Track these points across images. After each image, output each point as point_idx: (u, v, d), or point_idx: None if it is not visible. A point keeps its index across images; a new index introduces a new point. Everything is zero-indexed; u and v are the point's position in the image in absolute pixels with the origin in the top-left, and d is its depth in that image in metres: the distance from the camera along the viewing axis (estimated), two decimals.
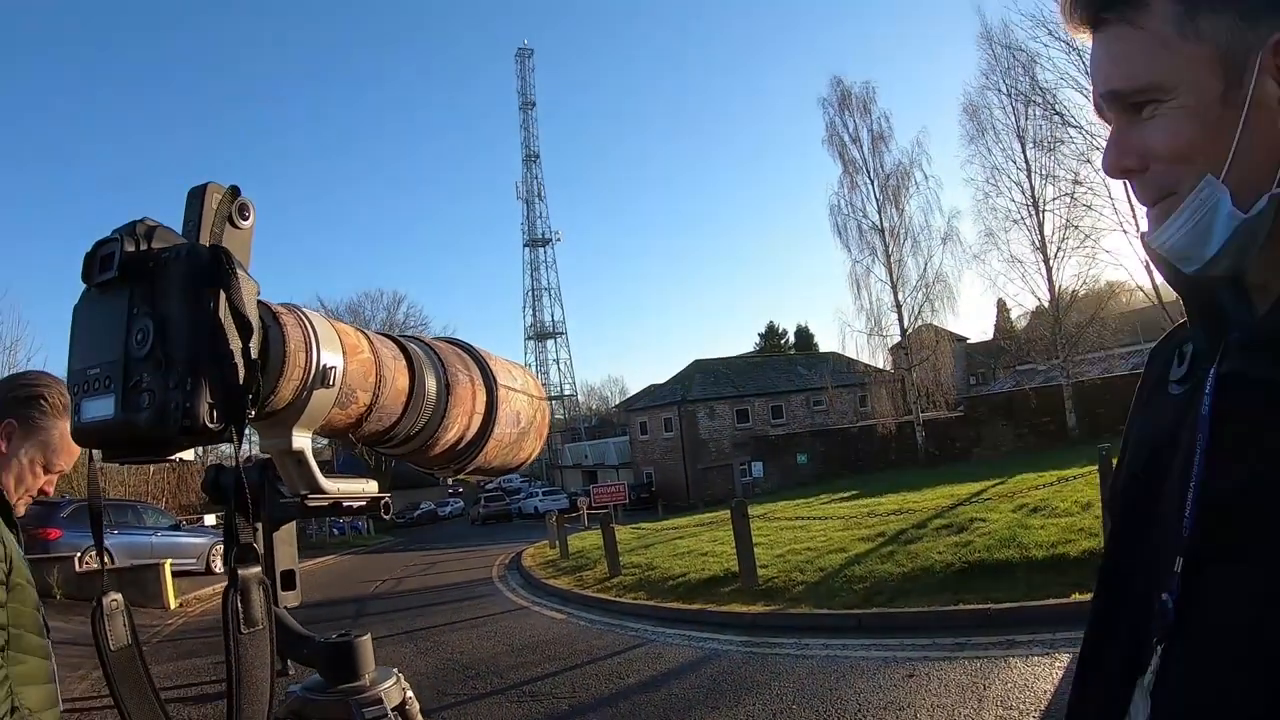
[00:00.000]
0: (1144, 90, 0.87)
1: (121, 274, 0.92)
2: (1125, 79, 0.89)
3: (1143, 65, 0.87)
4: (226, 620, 0.93)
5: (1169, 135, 0.86)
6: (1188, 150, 0.85)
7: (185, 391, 0.87)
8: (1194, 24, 0.84)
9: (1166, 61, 0.85)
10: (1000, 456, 36.90)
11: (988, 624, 8.21)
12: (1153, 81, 0.86)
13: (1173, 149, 0.86)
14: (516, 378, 1.46)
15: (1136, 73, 0.88)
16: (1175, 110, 0.86)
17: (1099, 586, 1.02)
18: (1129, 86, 0.88)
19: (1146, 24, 0.87)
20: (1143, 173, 0.90)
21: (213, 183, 0.99)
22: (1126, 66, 0.89)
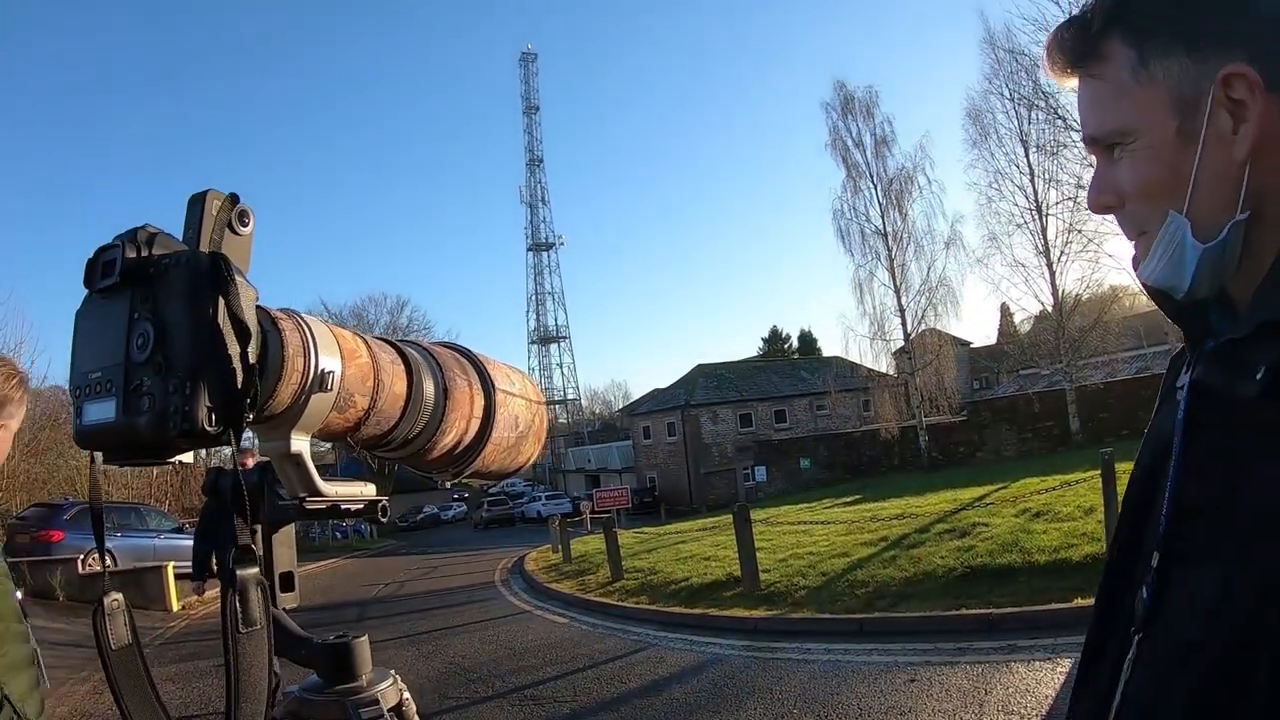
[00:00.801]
0: (1110, 135, 0.96)
1: (123, 280, 0.94)
2: (1095, 125, 0.98)
3: (1107, 112, 0.96)
4: (225, 620, 0.94)
5: (1134, 174, 0.95)
6: (1151, 188, 0.94)
7: (184, 395, 0.89)
8: (1147, 69, 0.92)
9: (1126, 107, 0.94)
10: (1003, 461, 36.85)
11: (990, 629, 8.21)
12: (1116, 127, 0.95)
13: (1138, 187, 0.95)
14: (514, 382, 1.47)
15: (1103, 119, 0.97)
16: (1138, 151, 0.94)
17: (1103, 577, 1.08)
18: (1099, 132, 0.98)
19: (1107, 74, 0.96)
20: (1121, 209, 0.98)
21: (212, 190, 1.00)
22: (1095, 114, 0.98)
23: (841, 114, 42.55)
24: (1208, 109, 0.88)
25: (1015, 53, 33.66)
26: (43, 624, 12.86)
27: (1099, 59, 0.96)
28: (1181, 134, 0.90)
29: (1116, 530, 1.09)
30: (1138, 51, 0.93)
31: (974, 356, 62.79)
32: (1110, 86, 0.96)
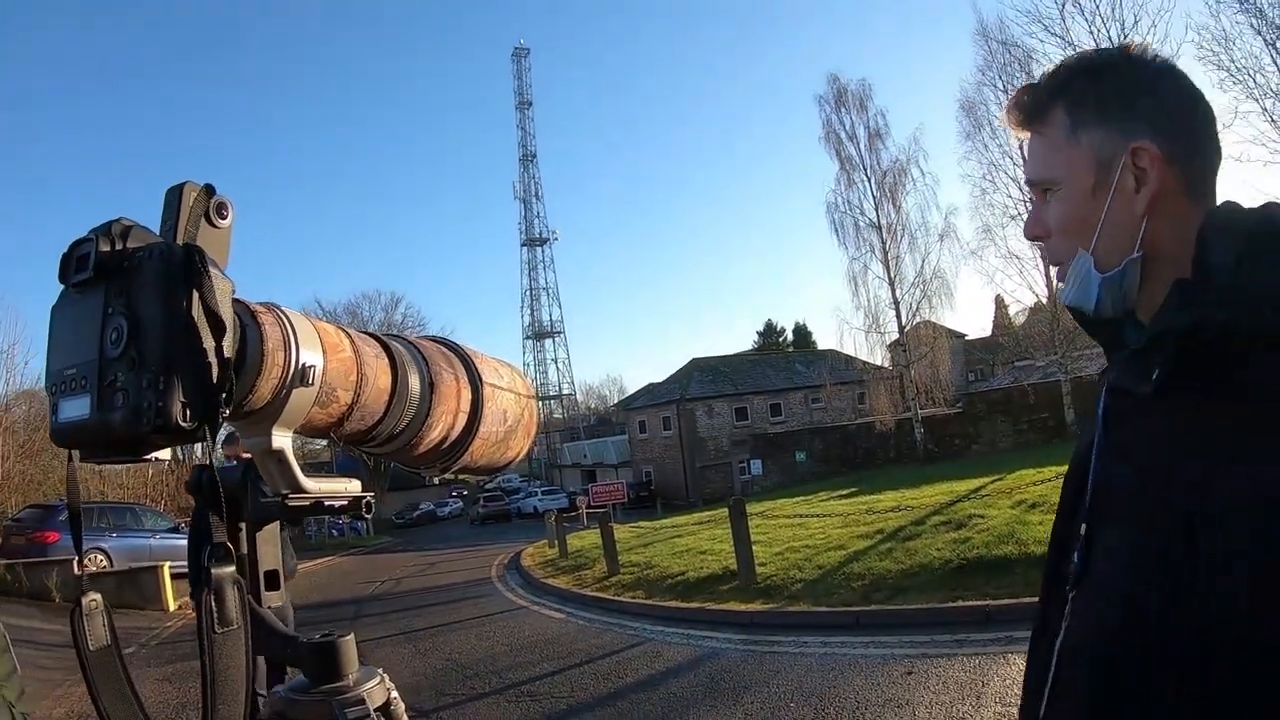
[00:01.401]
0: (1044, 180, 1.23)
1: (97, 274, 0.92)
2: (1034, 172, 1.25)
3: (1045, 163, 1.23)
4: (200, 620, 0.93)
5: (1058, 215, 1.22)
6: (1069, 227, 1.21)
7: (158, 391, 0.87)
8: (1077, 134, 1.19)
9: (1059, 161, 1.21)
10: (999, 452, 36.97)
11: (986, 621, 8.21)
12: (1049, 175, 1.22)
13: (1060, 225, 1.22)
14: (503, 376, 1.45)
15: (1041, 168, 1.23)
16: (1063, 197, 1.21)
17: (1049, 550, 1.33)
18: (1036, 177, 1.24)
19: (1048, 134, 1.22)
20: (1046, 240, 1.25)
21: (189, 181, 0.99)
22: (1036, 163, 1.24)
23: (835, 107, 42.60)
24: (1118, 172, 1.15)
25: (1008, 44, 33.63)
26: (39, 625, 12.87)
27: (1044, 121, 1.23)
28: (1096, 188, 1.17)
29: (1058, 510, 1.32)
30: (1071, 120, 1.20)
31: (969, 349, 62.84)
32: (1049, 143, 1.22)
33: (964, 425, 44.05)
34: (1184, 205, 1.15)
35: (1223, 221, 1.12)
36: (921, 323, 41.79)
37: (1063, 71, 1.24)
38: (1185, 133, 1.17)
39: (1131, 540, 1.09)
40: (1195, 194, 1.16)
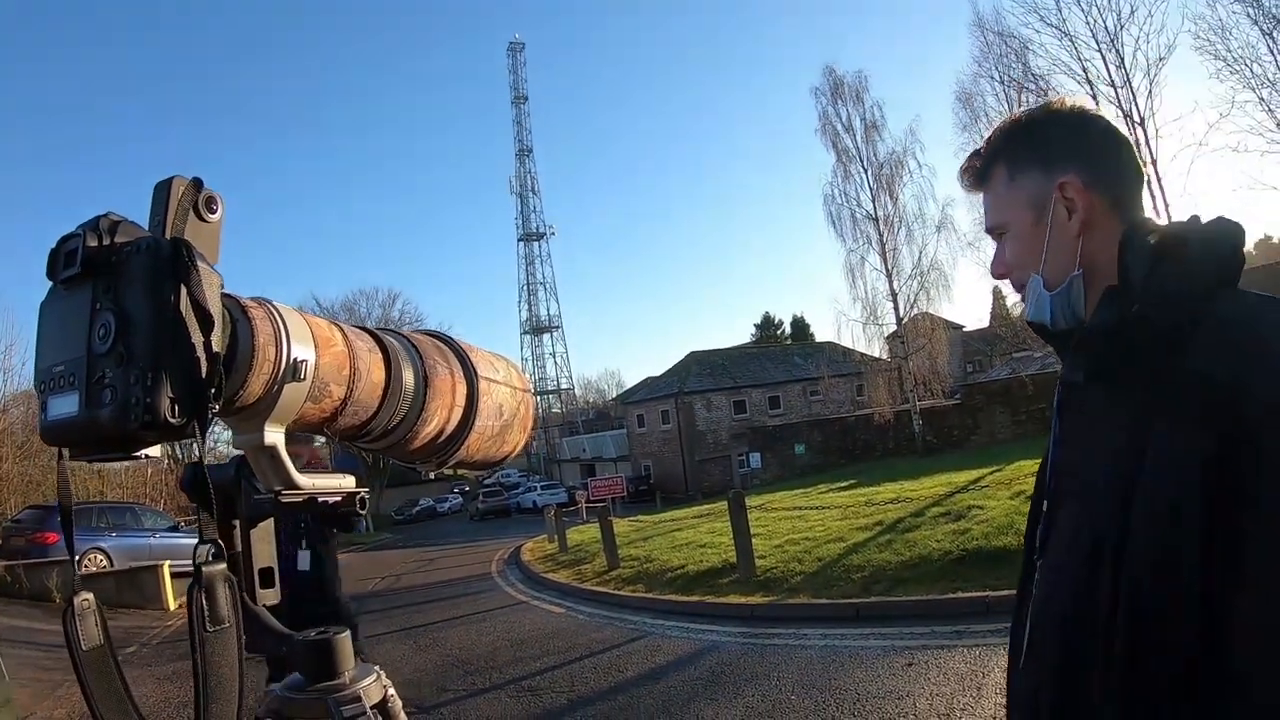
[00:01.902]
0: (997, 226, 1.48)
1: (84, 269, 0.91)
2: (989, 221, 1.49)
3: (994, 212, 1.48)
4: (191, 618, 0.92)
5: (1012, 251, 1.46)
6: (1020, 259, 1.44)
7: (146, 386, 0.86)
8: (1014, 181, 1.44)
9: (1003, 207, 1.46)
10: (997, 444, 36.88)
11: (986, 612, 8.19)
12: (998, 221, 1.47)
13: (1015, 259, 1.46)
14: (499, 369, 1.44)
15: (992, 216, 1.48)
16: (1011, 237, 1.46)
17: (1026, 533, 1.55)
18: (991, 225, 1.49)
19: (993, 187, 1.48)
20: (1009, 276, 1.48)
21: (177, 176, 0.98)
22: (989, 214, 1.49)
23: (831, 99, 42.49)
24: (1052, 205, 1.38)
25: (1005, 35, 33.40)
26: (40, 626, 12.88)
27: (990, 178, 1.48)
28: (1037, 223, 1.40)
29: (1033, 492, 1.54)
30: (1009, 171, 1.44)
31: (967, 340, 62.86)
32: (995, 195, 1.47)
33: (962, 416, 43.99)
34: (1113, 222, 1.36)
35: (1138, 235, 1.32)
36: (919, 314, 41.73)
37: (999, 135, 1.48)
38: (1105, 161, 1.39)
39: (1075, 513, 1.34)
40: (1122, 211, 1.37)
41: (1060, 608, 1.33)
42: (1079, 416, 1.41)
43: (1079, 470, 1.36)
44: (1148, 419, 1.21)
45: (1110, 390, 1.32)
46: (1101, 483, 1.27)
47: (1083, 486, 1.34)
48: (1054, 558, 1.38)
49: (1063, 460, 1.42)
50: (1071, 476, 1.38)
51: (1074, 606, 1.28)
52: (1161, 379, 1.22)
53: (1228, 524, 1.10)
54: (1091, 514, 1.28)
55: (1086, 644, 1.24)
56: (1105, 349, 1.30)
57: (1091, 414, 1.36)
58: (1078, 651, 1.27)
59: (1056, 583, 1.36)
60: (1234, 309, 1.23)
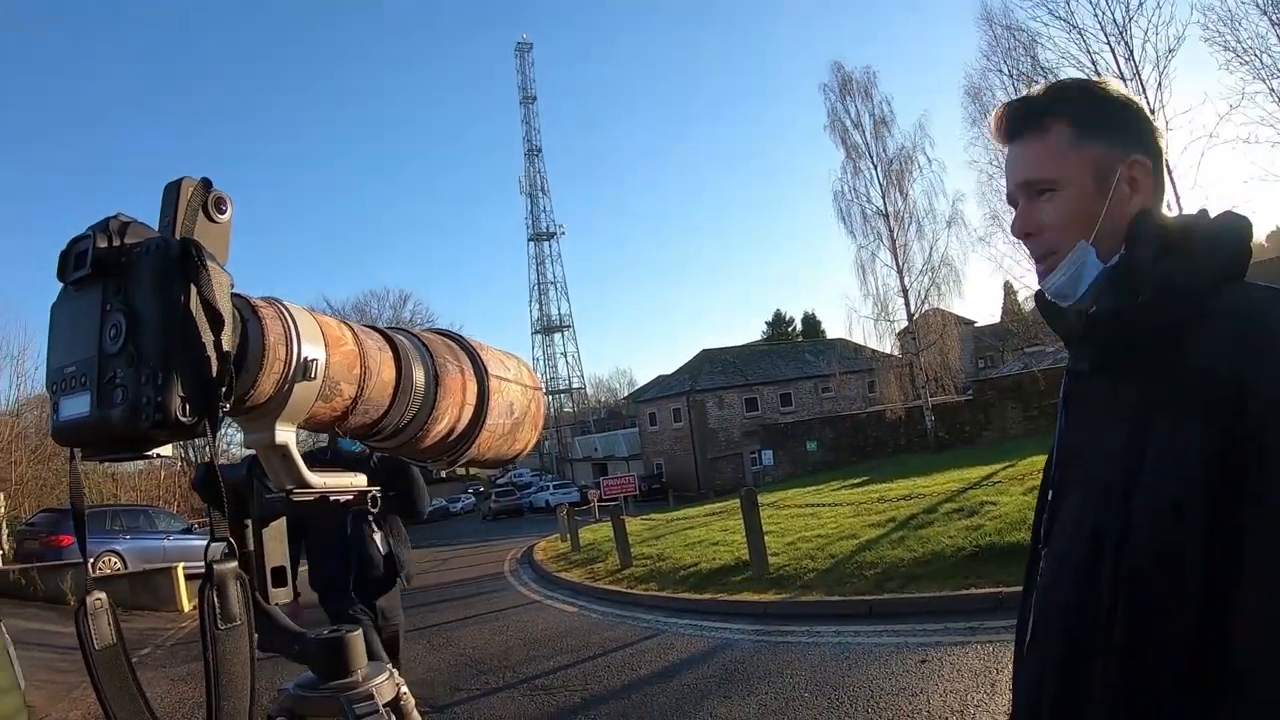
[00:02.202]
0: (1046, 181, 1.40)
1: (95, 270, 0.92)
2: (1034, 173, 1.41)
3: (1047, 166, 1.39)
4: (203, 616, 0.92)
5: (1060, 212, 1.38)
6: (1071, 221, 1.37)
7: (156, 386, 0.86)
8: (1079, 144, 1.38)
9: (1062, 165, 1.38)
10: (1010, 439, 36.84)
11: (1000, 608, 8.15)
12: (1053, 176, 1.39)
13: (1062, 220, 1.38)
14: (509, 368, 1.45)
15: (1043, 169, 1.40)
16: (1065, 196, 1.38)
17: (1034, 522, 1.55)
18: (1035, 177, 1.41)
19: (1047, 140, 1.40)
20: (1037, 236, 1.41)
21: (187, 177, 0.98)
22: (1036, 165, 1.41)
23: (840, 95, 42.40)
24: (1115, 179, 1.35)
25: (1013, 29, 33.26)
26: (55, 628, 12.91)
27: (1044, 129, 1.40)
28: (1098, 191, 1.36)
29: (1041, 482, 1.55)
30: (1074, 131, 1.38)
31: (978, 335, 62.77)
32: (1049, 149, 1.39)
33: (974, 412, 43.92)
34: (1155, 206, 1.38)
35: (1147, 223, 1.35)
36: (930, 310, 41.62)
37: (1063, 89, 1.43)
38: (1155, 150, 1.39)
39: (1078, 503, 1.36)
40: (1158, 200, 1.38)
41: (1062, 597, 1.35)
42: (1083, 407, 1.42)
43: (1083, 461, 1.38)
44: (1150, 413, 1.23)
45: (1114, 382, 1.33)
46: (1103, 475, 1.29)
47: (1085, 478, 1.35)
48: (1057, 547, 1.41)
49: (1067, 451, 1.44)
50: (1075, 467, 1.40)
51: (1076, 596, 1.30)
52: (1164, 374, 1.23)
53: (1229, 520, 1.12)
54: (1093, 505, 1.30)
55: (1088, 634, 1.26)
56: (1109, 340, 1.32)
57: (1095, 405, 1.38)
58: (1080, 641, 1.29)
59: (1059, 572, 1.38)
60: (1240, 303, 1.24)
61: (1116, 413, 1.30)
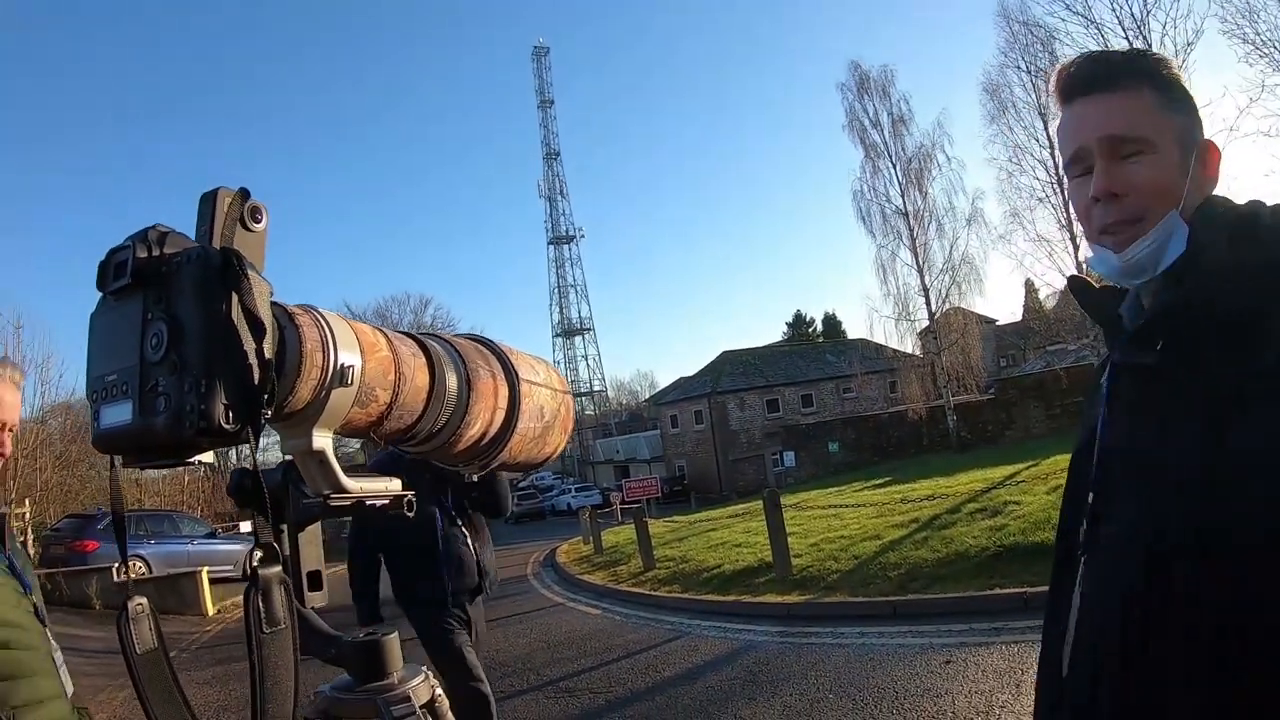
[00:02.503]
0: (1139, 139, 1.29)
1: (135, 280, 0.93)
2: (1127, 128, 1.29)
3: (1141, 123, 1.29)
4: (248, 620, 0.93)
5: (1151, 175, 1.28)
6: (1162, 188, 1.28)
7: (200, 394, 0.87)
8: (1167, 113, 1.30)
9: (1157, 126, 1.29)
10: (1033, 438, 36.68)
11: (1024, 608, 8.14)
12: (1147, 135, 1.29)
13: (1153, 185, 1.28)
14: (539, 372, 1.46)
15: (1137, 126, 1.29)
16: (1156, 159, 1.28)
17: (1059, 521, 1.46)
18: (1129, 132, 1.29)
19: (1135, 100, 1.30)
20: (1123, 199, 1.29)
21: (223, 187, 0.99)
22: (1129, 119, 1.30)
23: (858, 94, 42.34)
24: (1194, 156, 1.30)
25: (1030, 25, 33.16)
26: (82, 633, 12.99)
27: (1132, 90, 1.31)
28: (1181, 162, 1.29)
29: (1065, 487, 1.46)
30: (1159, 100, 1.30)
31: (1000, 334, 62.44)
32: (1141, 108, 1.30)
33: (997, 411, 43.76)
34: None
35: (1214, 211, 1.28)
36: (951, 309, 41.49)
37: (1143, 56, 1.36)
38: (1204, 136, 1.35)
39: (1133, 506, 1.23)
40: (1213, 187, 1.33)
41: (1117, 607, 1.22)
42: (1136, 403, 1.29)
43: (1137, 460, 1.25)
44: (1231, 408, 1.13)
45: (1179, 376, 1.21)
46: (1172, 474, 1.17)
47: (1141, 478, 1.23)
48: (1106, 553, 1.27)
49: (1113, 450, 1.31)
50: (1127, 467, 1.27)
51: (1136, 607, 1.18)
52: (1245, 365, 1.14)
53: None
54: (1156, 507, 1.18)
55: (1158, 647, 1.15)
56: (1178, 332, 1.23)
57: (1153, 401, 1.25)
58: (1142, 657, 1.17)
59: (1111, 580, 1.25)
60: None
61: (1185, 409, 1.18)
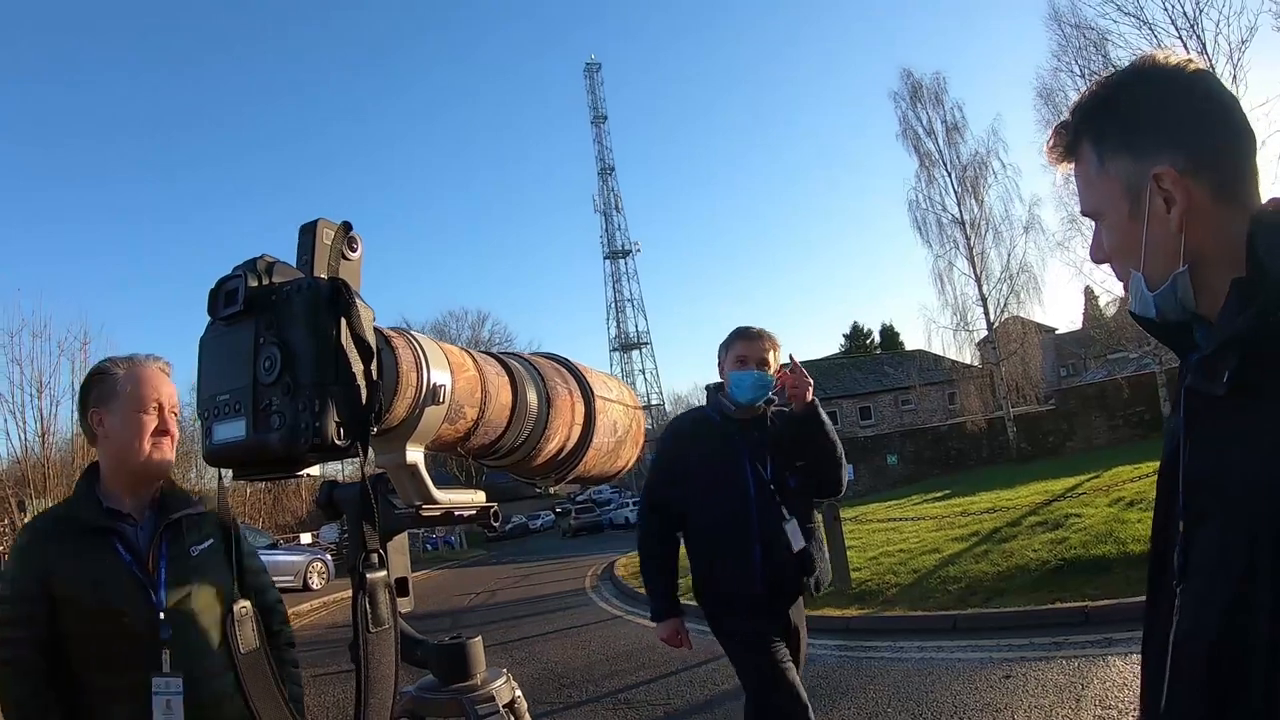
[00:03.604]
0: (1090, 213, 1.34)
1: (246, 307, 1.00)
2: (1082, 205, 1.35)
3: (1086, 196, 1.33)
4: (356, 620, 1.00)
5: (1109, 241, 1.32)
6: (1118, 252, 1.31)
7: (314, 412, 0.94)
8: (1105, 166, 1.28)
9: (1096, 193, 1.31)
10: (1094, 449, 36.09)
11: (1085, 622, 8.07)
12: (1091, 208, 1.33)
13: (1112, 250, 1.32)
14: (612, 389, 1.51)
15: (1084, 201, 1.34)
16: (1107, 226, 1.32)
17: (1151, 548, 1.40)
18: (1084, 210, 1.35)
19: (1081, 168, 1.33)
20: (1109, 261, 1.35)
21: (323, 219, 1.06)
22: (1081, 196, 1.35)
23: (910, 102, 41.98)
24: (1147, 198, 1.23)
25: (1082, 27, 32.67)
26: None
27: (1078, 157, 1.33)
28: (1132, 215, 1.26)
29: (1155, 507, 1.40)
30: (1098, 154, 1.29)
31: (1060, 343, 61.64)
32: (1085, 177, 1.32)
33: (1057, 422, 43.12)
34: (1221, 210, 1.21)
35: (1268, 228, 1.18)
36: (1010, 318, 40.99)
37: (1082, 107, 1.33)
38: (1204, 139, 1.23)
39: (1220, 532, 1.15)
40: (1226, 196, 1.22)
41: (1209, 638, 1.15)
42: (1212, 429, 1.21)
43: (1222, 485, 1.17)
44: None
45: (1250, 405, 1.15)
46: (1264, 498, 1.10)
47: (1228, 503, 1.16)
48: (1198, 582, 1.20)
49: (1197, 475, 1.23)
50: (1212, 492, 1.20)
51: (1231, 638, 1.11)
52: None
53: None
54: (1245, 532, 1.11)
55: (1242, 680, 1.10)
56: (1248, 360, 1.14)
57: (1228, 426, 1.18)
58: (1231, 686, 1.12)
59: (1202, 611, 1.18)
60: None
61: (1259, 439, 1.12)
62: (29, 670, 2.07)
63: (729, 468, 3.96)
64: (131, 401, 2.26)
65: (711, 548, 4.07)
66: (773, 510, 3.94)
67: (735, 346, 3.96)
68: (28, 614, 2.11)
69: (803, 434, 3.88)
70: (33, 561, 2.17)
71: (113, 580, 2.10)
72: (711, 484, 3.96)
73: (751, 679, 4.00)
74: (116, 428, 2.26)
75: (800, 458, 4.00)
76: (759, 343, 3.94)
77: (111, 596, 2.08)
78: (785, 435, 3.87)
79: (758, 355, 3.91)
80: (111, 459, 2.29)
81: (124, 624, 2.03)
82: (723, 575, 4.06)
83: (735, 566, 3.96)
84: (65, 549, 2.16)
